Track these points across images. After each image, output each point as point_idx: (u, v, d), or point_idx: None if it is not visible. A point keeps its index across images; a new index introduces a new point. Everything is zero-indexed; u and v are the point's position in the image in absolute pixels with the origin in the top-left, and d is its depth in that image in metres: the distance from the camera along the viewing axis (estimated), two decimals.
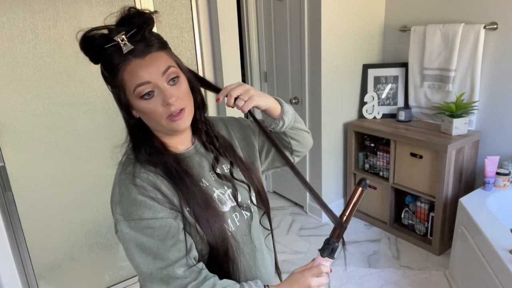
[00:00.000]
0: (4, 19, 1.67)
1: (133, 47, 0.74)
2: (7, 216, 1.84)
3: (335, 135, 2.83)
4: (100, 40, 0.74)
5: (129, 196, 0.77)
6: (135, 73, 0.75)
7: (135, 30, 0.75)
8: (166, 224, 0.76)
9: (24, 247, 1.91)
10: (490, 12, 2.24)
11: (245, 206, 0.90)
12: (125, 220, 0.76)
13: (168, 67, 0.77)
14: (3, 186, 1.80)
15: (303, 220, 2.98)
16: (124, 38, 0.74)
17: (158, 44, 0.78)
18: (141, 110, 0.78)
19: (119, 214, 0.78)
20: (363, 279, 2.27)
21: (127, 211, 0.77)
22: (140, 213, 0.76)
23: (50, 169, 1.91)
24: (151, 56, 0.76)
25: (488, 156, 2.16)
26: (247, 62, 3.23)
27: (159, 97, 0.76)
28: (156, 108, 0.77)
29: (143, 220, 0.75)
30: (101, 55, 0.76)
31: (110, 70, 0.77)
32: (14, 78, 1.74)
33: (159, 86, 0.76)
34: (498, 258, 1.63)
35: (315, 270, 0.83)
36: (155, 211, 0.76)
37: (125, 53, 0.74)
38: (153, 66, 0.75)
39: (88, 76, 1.90)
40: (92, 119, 1.97)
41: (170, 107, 0.76)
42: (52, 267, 2.04)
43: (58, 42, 1.80)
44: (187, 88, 0.81)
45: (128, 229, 0.76)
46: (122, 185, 0.79)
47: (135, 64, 0.75)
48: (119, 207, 0.78)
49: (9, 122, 1.77)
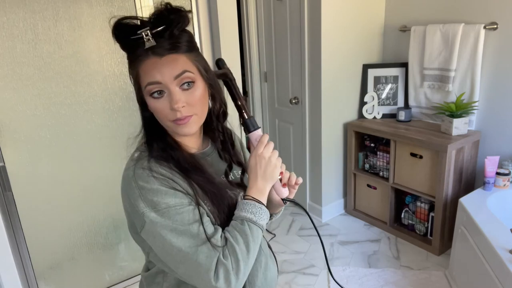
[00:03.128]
0: (4, 19, 1.67)
1: (155, 44, 0.74)
2: (7, 216, 1.84)
3: (335, 135, 2.83)
4: (129, 30, 0.75)
5: (151, 187, 0.76)
6: (148, 71, 0.75)
7: (164, 27, 0.75)
8: (192, 208, 0.78)
9: (24, 247, 1.91)
10: (490, 12, 2.24)
11: None
12: (153, 211, 0.75)
13: (183, 71, 0.76)
14: (3, 186, 1.80)
15: (303, 220, 2.98)
16: (148, 33, 0.74)
17: (184, 46, 0.77)
18: (151, 108, 0.79)
19: (144, 208, 0.76)
20: (363, 279, 2.27)
21: (152, 202, 0.76)
22: (167, 201, 0.76)
23: (50, 169, 1.91)
24: (169, 57, 0.75)
25: (488, 156, 2.16)
26: (247, 62, 3.23)
27: (168, 99, 0.77)
28: (163, 109, 0.77)
29: (171, 207, 0.76)
30: (127, 44, 0.77)
31: (130, 61, 0.79)
32: (14, 78, 1.74)
33: (170, 88, 0.76)
34: (498, 258, 1.63)
35: (259, 145, 0.84)
36: (180, 198, 0.77)
37: (146, 48, 0.75)
38: (168, 67, 0.75)
39: (88, 76, 1.90)
40: (92, 119, 1.97)
41: (176, 113, 0.77)
42: (52, 267, 2.04)
43: (58, 42, 1.80)
44: (202, 95, 0.80)
45: (159, 218, 0.75)
46: (139, 179, 0.78)
47: (151, 61, 0.75)
48: (141, 201, 0.76)
49: (9, 122, 1.77)
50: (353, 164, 2.87)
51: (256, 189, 0.83)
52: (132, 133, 0.87)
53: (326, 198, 2.93)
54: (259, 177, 0.83)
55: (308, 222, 2.93)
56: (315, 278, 2.31)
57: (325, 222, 2.93)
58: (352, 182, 2.92)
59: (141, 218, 0.77)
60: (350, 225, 2.87)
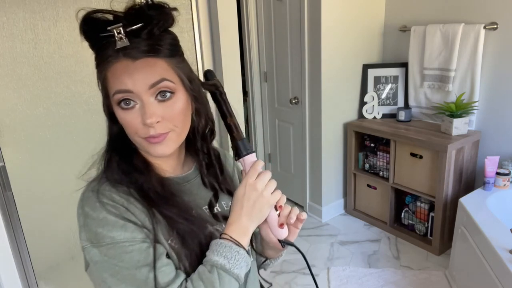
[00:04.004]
0: (4, 19, 1.67)
1: (129, 44, 0.61)
2: (7, 216, 1.84)
3: (335, 135, 2.83)
4: (100, 26, 0.62)
5: (97, 216, 0.63)
6: (118, 76, 0.62)
7: (142, 24, 0.62)
8: (146, 247, 0.63)
9: (24, 247, 1.91)
10: (490, 12, 2.24)
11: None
12: (94, 247, 0.62)
13: (160, 80, 0.63)
14: (3, 186, 1.80)
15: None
16: (121, 30, 0.61)
17: (164, 49, 0.64)
18: (119, 119, 0.66)
19: (85, 240, 0.63)
20: (363, 279, 2.27)
21: (95, 234, 0.62)
22: (113, 235, 0.61)
23: (50, 169, 1.91)
24: (144, 61, 0.62)
25: (488, 156, 2.16)
26: (247, 62, 3.22)
27: (139, 112, 0.63)
28: (133, 122, 0.64)
29: (118, 243, 0.61)
30: (96, 42, 0.64)
31: (98, 62, 0.65)
32: (14, 78, 1.74)
33: (142, 99, 0.62)
34: (498, 258, 1.63)
35: (251, 172, 0.68)
36: (132, 232, 0.62)
37: (116, 48, 0.62)
38: (142, 74, 0.62)
39: (88, 76, 1.90)
40: (92, 119, 1.97)
41: (149, 129, 0.63)
42: (52, 267, 2.04)
43: (58, 42, 1.80)
44: (183, 108, 0.66)
45: (100, 257, 0.62)
46: (85, 205, 0.65)
47: (122, 65, 0.62)
48: (84, 232, 0.63)
49: (9, 122, 1.77)
50: (353, 164, 2.87)
51: (237, 227, 0.66)
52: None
53: (326, 198, 2.93)
54: (243, 212, 0.67)
55: (308, 222, 2.93)
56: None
57: (325, 222, 2.93)
58: (352, 182, 2.92)
59: (84, 254, 0.65)
60: (350, 225, 2.87)
